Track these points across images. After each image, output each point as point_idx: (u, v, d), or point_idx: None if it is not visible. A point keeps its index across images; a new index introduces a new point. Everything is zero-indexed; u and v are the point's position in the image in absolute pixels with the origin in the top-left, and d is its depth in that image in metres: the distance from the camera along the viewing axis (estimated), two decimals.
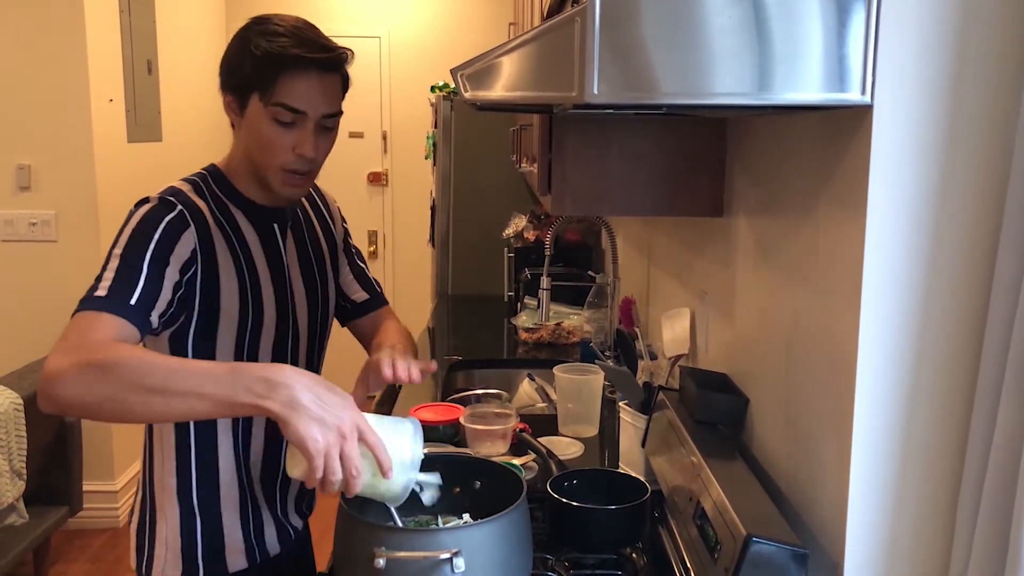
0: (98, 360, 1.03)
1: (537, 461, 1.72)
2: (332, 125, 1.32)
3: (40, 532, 2.85)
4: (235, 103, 1.29)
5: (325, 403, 0.98)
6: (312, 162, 1.30)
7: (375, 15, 5.01)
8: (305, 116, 1.26)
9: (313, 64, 1.25)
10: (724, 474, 1.22)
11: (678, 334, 1.79)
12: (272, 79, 1.24)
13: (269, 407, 0.96)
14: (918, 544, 1.04)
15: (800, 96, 0.96)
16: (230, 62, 1.29)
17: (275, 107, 1.24)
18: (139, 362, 1.03)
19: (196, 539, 1.35)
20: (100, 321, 1.12)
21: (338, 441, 0.97)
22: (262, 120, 1.26)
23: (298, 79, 1.24)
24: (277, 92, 1.24)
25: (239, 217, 1.33)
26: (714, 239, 1.65)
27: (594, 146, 1.53)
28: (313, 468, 0.97)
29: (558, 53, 0.97)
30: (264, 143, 1.27)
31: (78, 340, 1.09)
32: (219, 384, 0.99)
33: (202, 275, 1.24)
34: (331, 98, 1.29)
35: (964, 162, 0.97)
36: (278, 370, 0.99)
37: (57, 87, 3.33)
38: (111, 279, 1.17)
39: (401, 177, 5.14)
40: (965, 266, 0.98)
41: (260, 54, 1.24)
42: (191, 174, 1.35)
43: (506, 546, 1.13)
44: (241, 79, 1.27)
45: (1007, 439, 0.88)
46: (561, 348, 2.70)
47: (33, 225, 3.42)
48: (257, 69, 1.24)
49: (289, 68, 1.24)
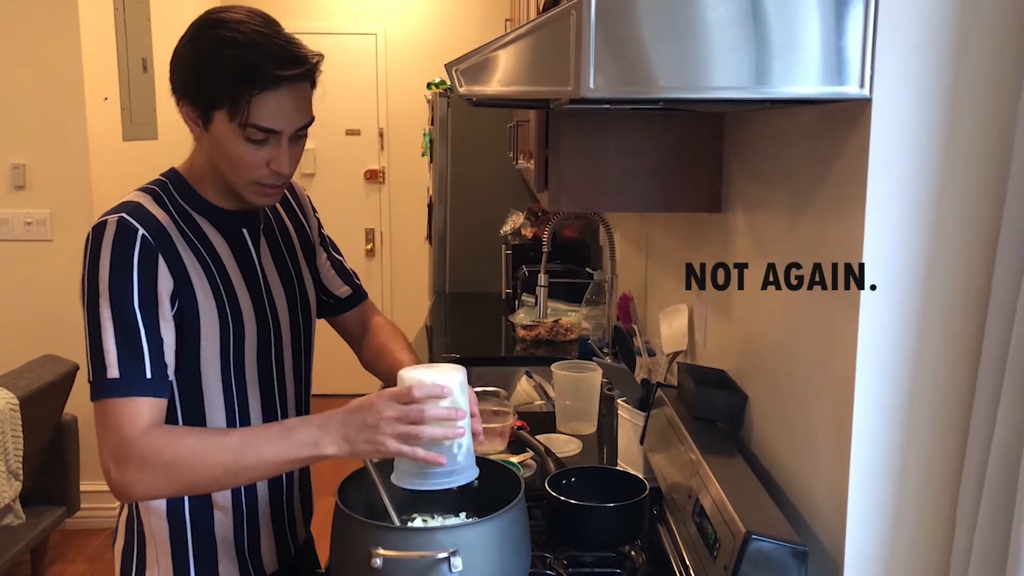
0: (157, 465, 1.12)
1: (535, 459, 1.72)
2: (304, 134, 1.25)
3: (37, 532, 2.84)
4: (196, 116, 1.20)
5: (359, 417, 1.10)
6: (287, 175, 1.24)
7: (371, 12, 5.00)
8: (279, 134, 1.19)
9: (284, 80, 1.16)
10: (723, 471, 1.21)
11: (676, 331, 1.78)
12: (242, 99, 1.15)
13: (327, 453, 1.11)
14: (918, 541, 1.03)
15: (798, 90, 0.96)
16: (186, 72, 1.19)
17: (246, 127, 1.16)
18: (196, 455, 1.12)
19: (188, 558, 1.30)
20: (128, 410, 1.13)
21: (386, 423, 1.08)
22: (231, 139, 1.18)
23: (269, 98, 1.16)
24: (247, 112, 1.15)
25: (205, 226, 1.27)
26: (712, 235, 1.65)
27: (591, 142, 1.52)
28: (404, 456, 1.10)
29: (554, 47, 0.96)
30: (234, 161, 1.20)
31: (121, 442, 1.13)
32: (278, 449, 1.12)
33: (180, 298, 1.21)
34: (304, 110, 1.21)
35: (963, 156, 0.96)
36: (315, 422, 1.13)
37: (51, 85, 3.32)
38: (115, 353, 1.14)
39: (398, 174, 5.12)
40: (964, 261, 0.98)
41: (226, 70, 1.15)
42: (149, 181, 1.28)
43: (504, 545, 1.12)
44: (203, 93, 1.18)
45: (1007, 436, 0.88)
46: (559, 345, 2.70)
47: (28, 224, 3.40)
48: (223, 86, 1.15)
49: (260, 87, 1.15)
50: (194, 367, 1.24)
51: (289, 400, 1.39)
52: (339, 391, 4.72)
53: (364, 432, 1.09)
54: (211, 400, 1.27)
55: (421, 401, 1.09)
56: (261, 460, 1.12)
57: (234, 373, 1.29)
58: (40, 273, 3.41)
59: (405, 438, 1.08)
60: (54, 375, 2.86)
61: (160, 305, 1.18)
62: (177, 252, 1.21)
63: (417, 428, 1.08)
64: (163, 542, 1.29)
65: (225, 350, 1.27)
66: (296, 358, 1.40)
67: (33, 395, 2.73)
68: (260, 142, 1.19)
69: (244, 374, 1.30)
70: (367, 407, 1.10)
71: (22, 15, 3.28)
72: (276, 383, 1.35)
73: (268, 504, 1.36)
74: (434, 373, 1.13)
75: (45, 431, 2.92)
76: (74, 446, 3.07)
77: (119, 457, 1.12)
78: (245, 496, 1.33)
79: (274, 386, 1.35)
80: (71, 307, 1.17)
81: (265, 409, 1.34)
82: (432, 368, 1.16)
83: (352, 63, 5.01)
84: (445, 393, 1.11)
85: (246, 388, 1.30)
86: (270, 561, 1.38)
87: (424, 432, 1.08)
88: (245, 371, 1.30)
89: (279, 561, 1.39)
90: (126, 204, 1.22)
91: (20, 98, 3.33)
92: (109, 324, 1.15)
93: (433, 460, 1.09)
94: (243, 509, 1.33)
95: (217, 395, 1.27)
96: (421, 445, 1.09)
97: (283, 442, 1.11)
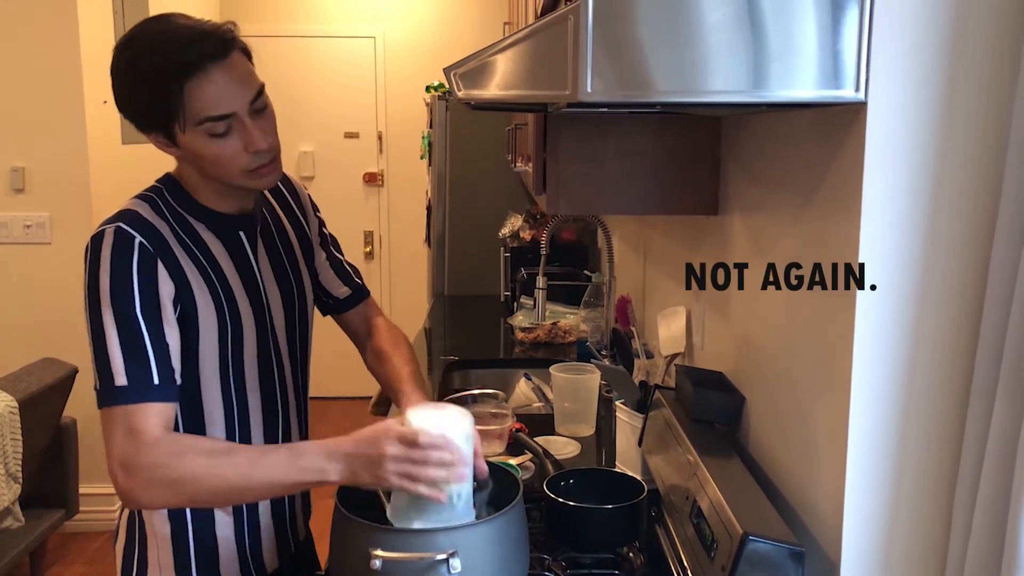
0: (164, 479, 1.13)
1: (534, 461, 1.72)
2: (263, 104, 1.22)
3: (36, 535, 2.84)
4: (163, 140, 1.21)
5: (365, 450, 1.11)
6: (269, 149, 1.23)
7: (370, 15, 5.00)
8: (235, 115, 1.18)
9: (207, 60, 1.14)
10: (720, 473, 1.21)
11: (674, 333, 1.79)
12: (177, 101, 1.14)
13: (332, 480, 1.13)
14: (915, 541, 1.04)
15: (795, 93, 0.96)
16: (128, 105, 1.20)
17: (201, 124, 1.16)
18: (202, 474, 1.13)
19: (190, 558, 1.31)
20: (136, 417, 1.14)
21: (390, 461, 1.09)
22: (197, 142, 1.18)
23: (202, 85, 1.14)
24: (192, 109, 1.15)
25: (202, 231, 1.27)
26: (709, 237, 1.65)
27: (589, 145, 1.52)
28: (405, 490, 1.11)
29: (552, 51, 0.96)
30: (213, 160, 1.20)
31: (129, 450, 1.13)
32: (284, 474, 1.14)
33: (181, 302, 1.22)
34: (245, 81, 1.18)
35: (959, 159, 0.97)
36: (322, 452, 1.14)
37: (51, 88, 3.32)
38: (121, 360, 1.15)
39: (396, 177, 5.13)
40: (960, 263, 0.98)
41: (149, 84, 1.15)
42: (145, 189, 1.29)
43: (503, 547, 1.12)
44: (150, 115, 1.18)
45: (1003, 436, 0.88)
46: (558, 347, 2.70)
47: (27, 227, 3.40)
48: (158, 96, 1.15)
49: (188, 78, 1.14)
50: (193, 369, 1.25)
51: (289, 400, 1.40)
52: (338, 394, 4.74)
53: (369, 467, 1.11)
54: (210, 401, 1.28)
55: (425, 447, 1.10)
56: (266, 483, 1.15)
57: (233, 375, 1.30)
58: (39, 276, 3.41)
59: (407, 477, 1.10)
60: (53, 378, 2.86)
61: (163, 309, 1.18)
62: (175, 257, 1.22)
63: (419, 470, 1.10)
64: (164, 541, 1.30)
65: (224, 352, 1.28)
66: (293, 358, 1.40)
67: (32, 398, 2.73)
68: (224, 133, 1.18)
69: (243, 376, 1.31)
70: (373, 441, 1.11)
71: (21, 17, 3.28)
72: (275, 383, 1.36)
73: (268, 503, 1.37)
74: (440, 419, 1.14)
75: (44, 434, 2.92)
76: (73, 449, 3.07)
77: (128, 466, 1.13)
78: None
79: (273, 386, 1.36)
80: (70, 310, 1.17)
81: (265, 410, 1.34)
82: (439, 411, 1.17)
83: (351, 66, 5.02)
84: (449, 448, 1.11)
85: (245, 389, 1.31)
86: (271, 559, 1.38)
87: (426, 476, 1.10)
88: (244, 373, 1.31)
89: (279, 559, 1.40)
90: (123, 213, 1.22)
91: (19, 101, 3.33)
92: (113, 331, 1.15)
93: (434, 497, 1.10)
94: (243, 508, 1.34)
95: (216, 396, 1.28)
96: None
97: (290, 468, 1.14)
